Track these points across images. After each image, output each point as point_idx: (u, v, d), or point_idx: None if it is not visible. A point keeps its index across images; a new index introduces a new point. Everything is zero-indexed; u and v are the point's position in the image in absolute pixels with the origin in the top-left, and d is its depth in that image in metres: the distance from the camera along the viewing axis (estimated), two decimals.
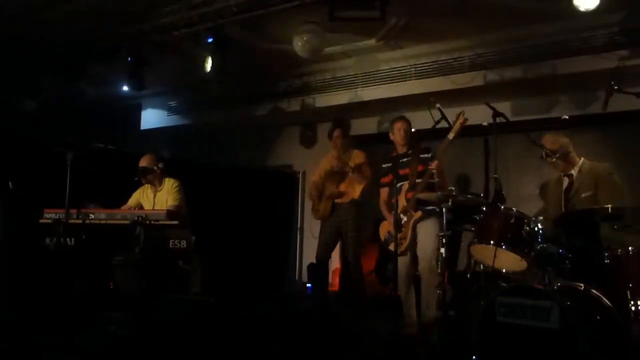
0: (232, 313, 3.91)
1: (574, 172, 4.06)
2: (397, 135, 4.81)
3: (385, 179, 4.91)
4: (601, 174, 3.92)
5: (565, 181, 4.10)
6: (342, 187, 5.36)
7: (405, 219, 4.65)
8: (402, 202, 4.63)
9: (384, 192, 4.95)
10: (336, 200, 5.39)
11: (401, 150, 4.83)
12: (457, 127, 4.28)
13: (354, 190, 5.31)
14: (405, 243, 4.63)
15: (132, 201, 5.34)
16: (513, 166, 6.26)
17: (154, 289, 4.53)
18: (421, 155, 4.69)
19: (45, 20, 5.87)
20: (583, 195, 3.92)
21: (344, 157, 5.35)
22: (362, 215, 5.37)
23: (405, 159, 4.75)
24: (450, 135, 4.32)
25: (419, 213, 4.60)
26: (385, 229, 4.87)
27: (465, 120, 4.26)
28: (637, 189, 5.30)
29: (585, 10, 4.61)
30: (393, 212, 4.54)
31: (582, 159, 4.12)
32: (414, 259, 4.68)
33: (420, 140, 4.78)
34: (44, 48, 6.45)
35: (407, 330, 4.49)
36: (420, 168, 4.64)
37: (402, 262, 4.61)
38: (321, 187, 5.48)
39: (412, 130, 4.82)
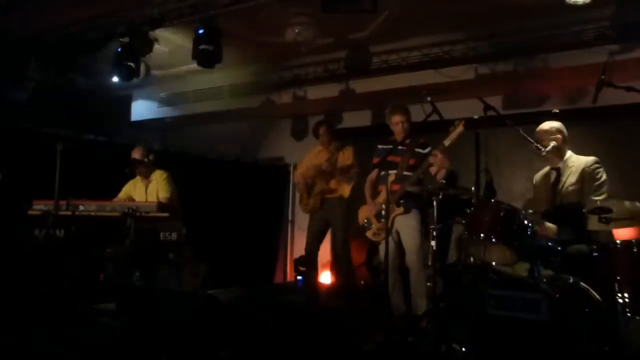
0: (223, 305, 3.91)
1: (561, 165, 4.09)
2: (395, 128, 4.78)
3: (377, 161, 4.84)
4: (587, 168, 3.96)
5: (553, 174, 4.13)
6: (333, 184, 5.41)
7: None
8: (384, 193, 4.57)
9: (374, 173, 4.91)
10: (325, 195, 5.43)
11: (399, 137, 4.82)
12: (453, 135, 4.30)
13: (344, 189, 5.36)
14: (383, 234, 4.58)
15: (122, 194, 5.32)
16: (504, 160, 6.29)
17: (145, 281, 4.52)
18: (416, 149, 4.69)
19: (35, 11, 5.81)
20: (569, 188, 3.96)
21: (333, 155, 5.35)
22: (350, 210, 5.41)
23: (400, 147, 4.71)
24: (446, 142, 4.34)
25: (401, 209, 4.60)
26: (365, 214, 4.87)
27: (463, 129, 4.25)
28: (627, 182, 5.35)
29: (575, 3, 4.61)
30: (374, 199, 4.71)
31: (569, 152, 4.16)
32: (400, 251, 4.69)
33: (417, 133, 4.77)
34: (35, 38, 6.39)
35: (396, 323, 4.51)
36: (412, 162, 4.64)
37: (389, 251, 4.60)
38: (310, 181, 5.50)
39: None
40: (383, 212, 4.47)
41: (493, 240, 3.50)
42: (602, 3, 5.14)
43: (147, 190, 5.21)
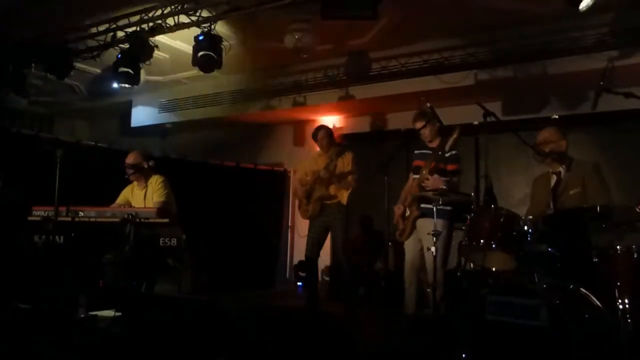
0: (223, 311, 3.90)
1: (562, 169, 4.09)
2: (420, 135, 4.85)
3: (414, 164, 4.95)
4: (588, 172, 3.95)
5: (554, 178, 4.12)
6: (332, 190, 5.40)
7: (408, 212, 4.79)
8: (410, 196, 4.77)
9: (411, 176, 4.99)
10: (325, 201, 5.43)
11: (426, 142, 4.89)
12: (451, 142, 4.47)
13: (342, 195, 5.36)
14: (404, 235, 4.80)
15: (120, 199, 5.30)
16: (503, 165, 6.29)
17: (144, 287, 4.51)
18: (439, 153, 4.73)
19: (35, 17, 5.83)
20: (571, 192, 3.94)
21: (332, 161, 5.35)
22: (349, 215, 5.42)
23: (425, 151, 4.82)
24: (447, 147, 4.50)
25: (419, 212, 4.69)
26: (397, 215, 4.95)
27: (460, 136, 4.43)
28: (625, 187, 5.36)
29: (587, 7, 4.61)
30: (403, 202, 4.84)
31: (571, 157, 4.15)
32: (422, 253, 4.75)
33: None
34: (34, 44, 6.40)
35: (403, 321, 4.55)
36: (433, 165, 4.69)
37: (411, 253, 4.76)
38: (309, 187, 5.49)
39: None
40: (407, 214, 4.75)
41: (493, 246, 3.50)
42: (601, 9, 5.16)
43: (146, 197, 5.19)
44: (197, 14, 5.54)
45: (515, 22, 5.68)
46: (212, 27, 5.61)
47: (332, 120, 7.72)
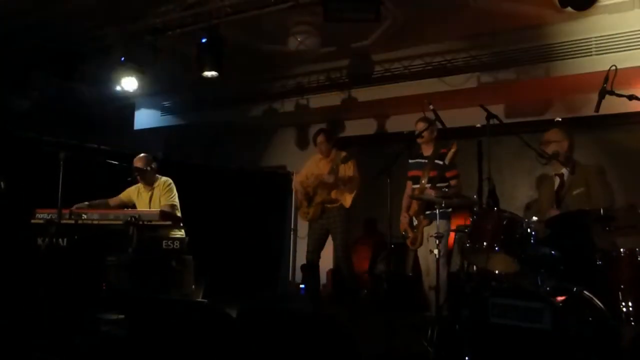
0: (225, 314, 3.90)
1: (564, 171, 4.08)
2: (419, 139, 4.89)
3: (410, 174, 5.04)
4: (591, 173, 3.96)
5: (557, 180, 4.12)
6: (334, 195, 5.40)
7: (416, 222, 4.87)
8: (414, 205, 4.84)
9: (409, 185, 5.07)
10: (326, 205, 5.44)
11: (425, 149, 4.92)
12: (450, 155, 4.58)
13: (345, 199, 5.37)
14: (417, 244, 4.87)
15: (124, 195, 5.30)
16: (506, 168, 6.29)
17: (147, 289, 4.51)
18: (436, 161, 4.75)
19: (39, 20, 5.84)
20: (574, 192, 3.94)
21: (335, 167, 5.35)
22: (350, 218, 5.43)
23: (421, 160, 4.90)
24: (446, 161, 4.60)
25: (427, 220, 4.76)
26: (403, 225, 5.02)
27: (458, 150, 4.55)
28: (629, 190, 5.34)
29: None
30: (408, 210, 4.94)
31: (575, 159, 4.15)
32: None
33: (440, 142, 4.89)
34: (37, 47, 6.42)
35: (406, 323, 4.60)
36: (432, 174, 4.71)
37: (426, 261, 4.83)
38: (311, 190, 5.49)
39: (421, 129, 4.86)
40: (415, 223, 4.86)
41: (496, 248, 3.49)
42: (604, 10, 5.17)
43: (152, 199, 5.20)
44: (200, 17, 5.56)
45: (518, 24, 5.68)
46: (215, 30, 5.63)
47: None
